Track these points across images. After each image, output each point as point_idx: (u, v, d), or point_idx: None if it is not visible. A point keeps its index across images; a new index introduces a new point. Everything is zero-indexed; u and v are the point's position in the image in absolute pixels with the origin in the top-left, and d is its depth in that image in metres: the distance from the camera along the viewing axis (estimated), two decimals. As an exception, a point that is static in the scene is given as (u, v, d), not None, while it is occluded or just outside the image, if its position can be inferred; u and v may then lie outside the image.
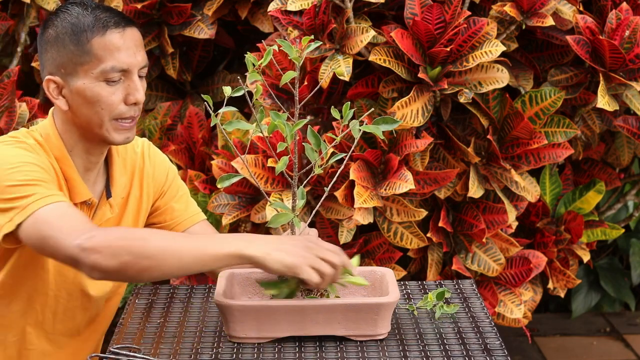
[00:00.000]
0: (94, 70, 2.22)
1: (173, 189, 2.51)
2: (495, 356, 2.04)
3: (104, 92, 2.23)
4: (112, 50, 2.22)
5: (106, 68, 2.22)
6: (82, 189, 2.30)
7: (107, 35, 2.22)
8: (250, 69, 2.10)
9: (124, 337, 2.17)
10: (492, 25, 3.10)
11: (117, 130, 2.27)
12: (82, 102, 2.24)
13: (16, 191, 2.14)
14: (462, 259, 3.33)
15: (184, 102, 3.74)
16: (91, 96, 2.23)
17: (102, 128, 2.26)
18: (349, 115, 2.12)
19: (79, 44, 2.22)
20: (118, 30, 2.23)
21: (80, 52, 2.22)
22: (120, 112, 2.25)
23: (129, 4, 3.53)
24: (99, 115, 2.24)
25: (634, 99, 3.28)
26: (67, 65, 2.24)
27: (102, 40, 2.22)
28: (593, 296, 4.70)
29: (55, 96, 2.27)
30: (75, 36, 2.22)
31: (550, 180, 3.58)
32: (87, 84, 2.23)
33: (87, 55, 2.22)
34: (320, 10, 3.06)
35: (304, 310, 2.09)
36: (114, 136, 2.27)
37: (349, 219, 3.13)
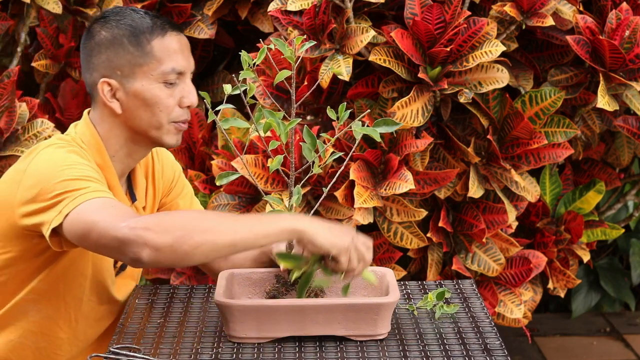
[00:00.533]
0: (154, 72, 2.23)
1: (179, 187, 2.52)
2: (495, 356, 2.04)
3: (162, 94, 2.24)
4: (171, 52, 2.24)
5: (166, 70, 2.23)
6: (122, 197, 2.31)
7: (167, 38, 2.24)
8: (245, 67, 2.11)
9: (124, 337, 2.17)
10: (492, 25, 3.10)
11: (174, 132, 2.28)
12: (139, 104, 2.25)
13: (68, 185, 2.11)
14: (462, 259, 3.33)
15: (184, 102, 3.74)
16: (150, 98, 2.24)
17: (160, 130, 2.26)
18: (345, 116, 2.12)
19: (138, 45, 2.23)
20: (176, 33, 2.26)
21: (140, 54, 2.23)
22: (176, 115, 2.27)
23: (129, 4, 3.53)
24: (157, 117, 2.25)
25: (634, 99, 3.28)
26: (124, 67, 2.24)
27: (163, 42, 2.23)
28: (593, 296, 4.70)
29: (109, 99, 2.26)
30: (134, 38, 2.23)
31: (550, 180, 3.58)
32: (146, 86, 2.23)
33: (147, 56, 2.23)
34: (320, 10, 3.06)
35: (304, 310, 2.09)
36: (169, 138, 2.28)
37: (349, 219, 3.13)
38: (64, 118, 3.66)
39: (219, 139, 3.45)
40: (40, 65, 3.59)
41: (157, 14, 2.30)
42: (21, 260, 2.26)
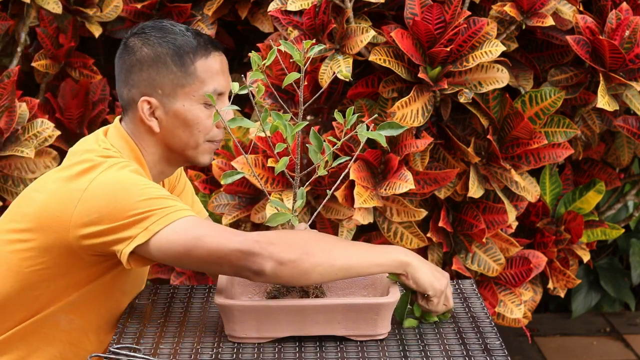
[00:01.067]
0: (196, 93, 2.22)
1: (181, 184, 2.53)
2: (495, 356, 2.04)
3: (203, 115, 2.24)
4: (214, 73, 2.23)
5: (208, 91, 2.22)
6: None
7: (210, 59, 2.24)
8: (254, 68, 2.10)
9: (124, 337, 2.17)
10: (492, 25, 3.10)
11: (209, 151, 2.29)
12: (179, 124, 2.24)
13: (153, 204, 2.09)
14: (462, 259, 3.33)
15: (184, 102, 3.74)
16: (191, 118, 2.23)
17: (197, 149, 2.27)
18: (352, 120, 2.12)
19: (182, 65, 2.21)
20: (218, 53, 2.26)
21: (183, 74, 2.21)
22: (213, 135, 2.28)
23: (129, 4, 3.53)
24: (195, 137, 2.25)
25: (634, 99, 3.28)
26: (166, 87, 2.22)
27: (206, 64, 2.23)
28: (593, 296, 4.70)
29: (148, 117, 2.25)
30: (178, 57, 2.21)
31: (550, 180, 3.58)
32: (187, 106, 2.23)
33: (190, 77, 2.22)
34: (320, 10, 3.06)
35: (304, 310, 2.09)
36: (204, 158, 2.30)
37: (349, 219, 3.13)
38: (64, 118, 3.66)
39: (219, 139, 3.45)
40: (40, 65, 3.59)
41: (198, 31, 2.27)
42: (62, 276, 2.23)
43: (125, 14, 3.54)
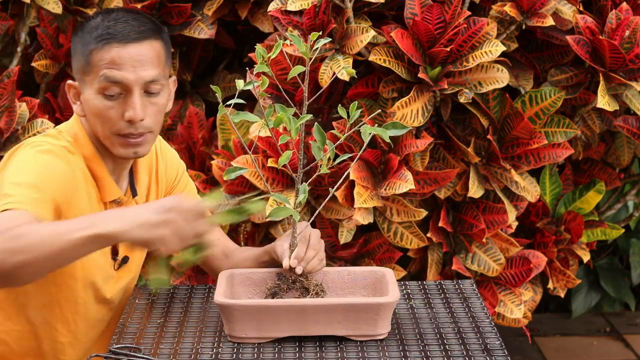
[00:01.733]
0: (93, 82, 2.21)
1: (182, 185, 2.52)
2: (495, 356, 2.04)
3: (102, 106, 2.21)
4: (107, 63, 2.19)
5: (101, 80, 2.19)
6: (112, 188, 2.30)
7: (105, 49, 2.19)
8: (259, 61, 2.10)
9: (124, 337, 2.17)
10: (492, 25, 3.10)
11: (121, 145, 2.24)
12: (88, 112, 2.25)
13: (9, 189, 2.09)
14: (462, 259, 3.33)
15: (184, 102, 3.74)
16: (92, 107, 2.23)
17: (106, 140, 2.25)
18: (355, 115, 2.12)
19: (84, 54, 2.22)
20: (119, 45, 2.19)
21: (84, 62, 2.22)
22: (119, 128, 2.22)
23: (128, 4, 3.53)
24: (101, 128, 2.24)
25: (634, 99, 3.28)
26: (78, 73, 2.26)
27: (100, 54, 2.20)
28: (593, 296, 4.70)
29: (74, 101, 2.28)
30: (83, 46, 2.23)
31: (550, 180, 3.58)
32: (89, 96, 2.23)
33: (89, 65, 2.21)
34: (320, 10, 3.06)
35: (304, 310, 2.09)
36: (119, 151, 2.25)
37: (349, 219, 3.13)
38: (64, 118, 3.66)
39: (219, 139, 3.45)
40: (40, 65, 3.59)
41: (133, 18, 2.24)
42: None
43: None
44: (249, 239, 3.36)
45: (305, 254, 2.23)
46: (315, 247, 2.27)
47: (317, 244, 2.28)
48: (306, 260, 2.23)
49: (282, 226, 3.24)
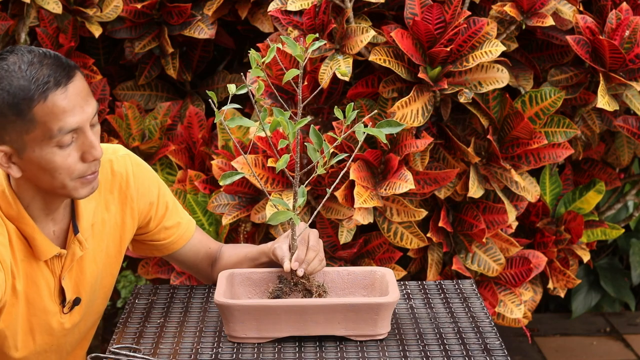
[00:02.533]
0: (43, 138, 2.05)
1: (160, 210, 2.42)
2: (495, 356, 2.04)
3: (58, 158, 2.07)
4: (57, 114, 2.04)
5: (54, 134, 2.05)
6: (46, 247, 2.21)
7: (49, 100, 2.03)
8: (253, 65, 2.09)
9: (124, 337, 2.17)
10: (492, 25, 3.10)
11: (81, 187, 2.13)
12: (37, 170, 2.09)
13: None
14: (462, 259, 3.33)
15: (184, 102, 3.74)
16: (45, 164, 2.08)
17: (65, 189, 2.12)
18: (352, 116, 2.12)
19: (20, 113, 2.04)
20: (60, 90, 2.04)
21: (22, 122, 2.04)
22: (80, 172, 2.11)
23: (129, 4, 3.53)
24: (59, 179, 2.10)
25: (634, 99, 3.28)
26: (11, 134, 2.06)
27: (44, 107, 2.03)
28: (593, 296, 4.70)
29: (5, 164, 2.10)
30: (15, 106, 2.03)
31: (550, 180, 3.58)
32: (38, 153, 2.07)
33: (31, 123, 2.04)
34: (320, 10, 3.06)
35: (304, 310, 2.09)
36: (80, 192, 2.14)
37: (349, 219, 3.13)
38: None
39: (219, 139, 3.45)
40: None
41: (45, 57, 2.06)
42: None
43: (125, 14, 3.54)
44: (249, 239, 3.36)
45: (305, 255, 2.23)
46: (315, 248, 2.27)
47: (316, 245, 2.28)
48: (307, 262, 2.22)
49: (282, 226, 3.24)
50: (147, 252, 2.51)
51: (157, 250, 2.49)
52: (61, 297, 2.28)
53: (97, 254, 2.32)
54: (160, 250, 2.49)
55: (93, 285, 2.34)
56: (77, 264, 2.28)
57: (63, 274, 2.26)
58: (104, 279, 2.38)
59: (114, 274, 2.41)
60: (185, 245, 2.48)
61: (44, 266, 2.23)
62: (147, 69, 3.72)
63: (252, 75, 2.10)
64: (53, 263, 2.24)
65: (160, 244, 2.47)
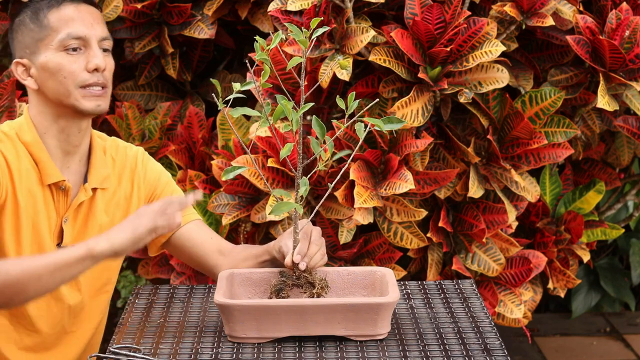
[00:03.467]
0: (53, 42, 2.34)
1: (166, 193, 2.53)
2: (495, 356, 2.04)
3: (64, 61, 2.33)
4: (66, 20, 2.35)
5: (62, 37, 2.33)
6: (52, 171, 2.36)
7: (62, 8, 2.36)
8: (258, 51, 2.10)
9: (124, 337, 2.17)
10: (492, 25, 3.10)
11: (85, 97, 2.34)
12: (47, 76, 2.34)
13: None
14: (462, 259, 3.33)
15: (184, 102, 3.74)
16: (53, 67, 2.33)
17: (70, 97, 2.34)
18: (353, 105, 2.11)
19: (37, 21, 2.36)
20: (73, 4, 2.37)
21: (39, 29, 2.35)
22: (83, 79, 2.33)
23: (129, 4, 3.53)
24: (64, 84, 2.33)
25: (634, 99, 3.28)
26: (30, 45, 2.37)
27: (57, 13, 2.35)
28: (593, 296, 4.70)
29: (24, 78, 2.38)
30: (34, 15, 2.37)
31: (550, 180, 3.58)
32: (49, 57, 2.34)
33: (45, 29, 2.35)
34: (320, 10, 3.06)
35: (304, 310, 2.09)
36: (84, 104, 2.34)
37: (349, 219, 3.13)
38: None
39: (219, 139, 3.45)
40: (16, 58, 3.59)
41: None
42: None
43: (125, 14, 3.54)
44: (249, 239, 3.36)
45: (307, 249, 2.24)
46: (317, 242, 2.27)
47: (318, 240, 2.29)
48: (309, 255, 2.23)
49: (282, 226, 3.24)
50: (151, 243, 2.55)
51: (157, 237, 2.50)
52: (59, 238, 2.41)
53: (103, 219, 2.45)
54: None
55: None
56: (82, 217, 2.42)
57: (66, 215, 2.40)
58: None
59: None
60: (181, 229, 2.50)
61: (49, 200, 2.37)
62: (147, 69, 3.72)
63: (258, 58, 2.11)
64: (59, 201, 2.38)
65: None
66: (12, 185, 2.33)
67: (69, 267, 2.14)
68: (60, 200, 2.39)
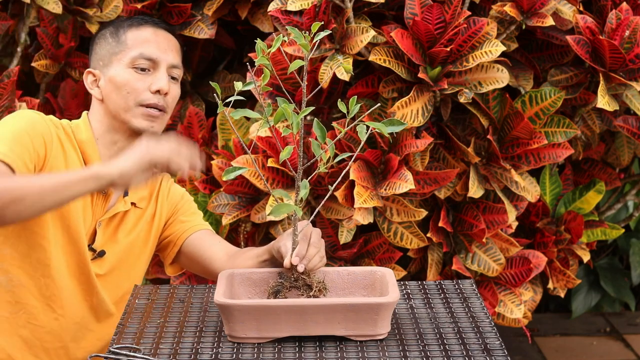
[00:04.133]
0: (125, 58, 2.44)
1: (185, 207, 2.62)
2: (495, 356, 2.04)
3: (131, 77, 2.42)
4: (142, 40, 2.45)
5: (135, 55, 2.43)
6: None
7: (141, 29, 2.48)
8: (259, 55, 2.10)
9: (124, 337, 2.17)
10: (492, 25, 3.10)
11: (142, 116, 2.42)
12: (112, 88, 2.43)
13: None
14: (462, 259, 3.33)
15: (184, 102, 3.74)
16: (120, 81, 2.42)
17: (128, 112, 2.42)
18: (355, 109, 2.11)
19: (117, 37, 2.47)
20: (152, 27, 2.49)
21: (116, 44, 2.46)
22: (144, 98, 2.42)
23: (129, 4, 3.53)
24: (126, 99, 2.42)
25: (634, 99, 3.29)
26: (104, 57, 2.47)
27: (136, 32, 2.47)
28: (593, 296, 4.71)
29: (91, 87, 2.48)
30: (115, 31, 2.48)
31: (550, 180, 3.58)
32: (118, 71, 2.44)
33: (121, 45, 2.45)
34: (320, 10, 3.06)
35: (304, 310, 2.09)
36: (139, 122, 2.42)
37: (349, 219, 3.13)
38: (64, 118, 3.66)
39: (219, 139, 3.45)
40: (40, 65, 3.59)
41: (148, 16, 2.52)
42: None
43: (125, 14, 3.54)
44: (249, 239, 3.36)
45: (306, 251, 2.24)
46: (317, 244, 2.27)
47: (317, 242, 2.29)
48: (308, 257, 2.23)
49: (282, 226, 3.24)
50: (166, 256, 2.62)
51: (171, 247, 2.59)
52: (91, 239, 2.46)
53: (132, 231, 2.52)
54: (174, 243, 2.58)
55: (118, 254, 2.50)
56: (114, 226, 2.49)
57: (102, 219, 2.45)
58: (129, 258, 2.53)
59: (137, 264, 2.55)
60: (191, 236, 2.56)
61: (88, 200, 2.44)
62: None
63: (258, 62, 2.11)
64: (97, 204, 2.45)
65: (171, 237, 2.58)
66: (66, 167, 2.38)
67: (72, 185, 2.15)
68: (99, 203, 2.45)
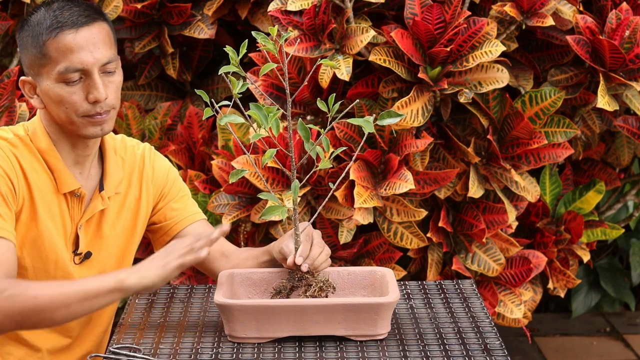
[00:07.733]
0: (52, 72, 2.25)
1: (174, 190, 2.52)
2: (495, 356, 2.04)
3: (64, 93, 2.26)
4: (64, 51, 2.24)
5: (61, 70, 2.24)
6: (67, 179, 2.32)
7: (60, 37, 2.24)
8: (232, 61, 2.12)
9: (124, 337, 2.17)
10: (492, 25, 3.10)
11: (88, 125, 2.28)
12: (49, 101, 2.28)
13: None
14: (462, 259, 3.33)
15: (184, 102, 3.74)
16: (54, 97, 2.26)
17: (73, 125, 2.28)
18: (335, 107, 2.11)
19: (37, 46, 2.26)
20: (71, 31, 2.25)
21: (40, 55, 2.26)
22: (85, 110, 2.27)
23: (129, 4, 3.53)
24: (66, 113, 2.27)
25: (634, 99, 3.28)
26: (33, 67, 2.29)
27: (55, 43, 2.24)
28: (593, 296, 4.70)
29: (30, 96, 2.32)
30: (34, 39, 2.26)
31: (550, 180, 3.58)
32: (50, 86, 2.26)
33: (45, 58, 2.25)
34: (320, 10, 3.06)
35: (304, 310, 2.09)
36: (87, 130, 2.29)
37: (349, 219, 3.13)
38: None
39: (219, 139, 3.45)
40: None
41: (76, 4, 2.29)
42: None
43: (125, 14, 3.54)
44: (249, 239, 3.36)
45: (310, 251, 2.24)
46: (320, 244, 2.27)
47: (321, 242, 2.29)
48: (312, 257, 2.23)
49: (282, 226, 3.24)
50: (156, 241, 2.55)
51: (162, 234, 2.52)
52: (75, 245, 2.38)
53: (116, 222, 2.43)
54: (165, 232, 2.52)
55: (106, 249, 2.42)
56: (95, 222, 2.39)
57: (81, 222, 2.36)
58: (119, 250, 2.46)
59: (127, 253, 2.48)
60: (185, 228, 2.50)
61: (64, 207, 2.34)
62: (147, 69, 3.72)
63: (224, 70, 2.12)
64: (73, 208, 2.35)
65: (163, 224, 2.51)
66: (30, 195, 2.29)
67: (98, 298, 2.12)
68: (75, 207, 2.36)
